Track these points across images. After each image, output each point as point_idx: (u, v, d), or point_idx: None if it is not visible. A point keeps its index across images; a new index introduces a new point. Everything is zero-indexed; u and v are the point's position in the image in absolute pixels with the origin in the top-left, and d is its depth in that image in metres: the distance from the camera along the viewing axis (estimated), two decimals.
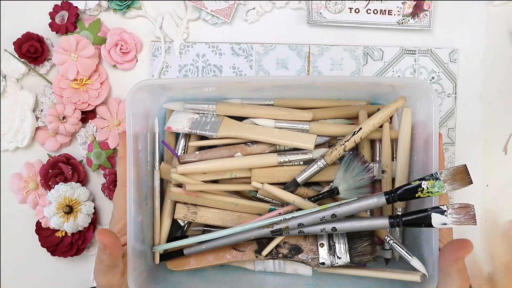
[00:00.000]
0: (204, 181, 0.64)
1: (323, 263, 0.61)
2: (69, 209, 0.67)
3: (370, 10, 0.69)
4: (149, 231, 0.63)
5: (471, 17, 0.70)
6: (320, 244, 0.62)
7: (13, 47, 0.69)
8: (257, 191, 0.64)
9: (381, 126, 0.63)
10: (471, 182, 0.54)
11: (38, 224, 0.70)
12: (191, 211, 0.64)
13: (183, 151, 0.66)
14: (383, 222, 0.56)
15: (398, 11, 0.69)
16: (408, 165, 0.62)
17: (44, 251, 0.69)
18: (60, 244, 0.69)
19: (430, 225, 0.54)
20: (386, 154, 0.64)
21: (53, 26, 0.69)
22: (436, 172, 0.54)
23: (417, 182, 0.54)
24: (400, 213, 0.58)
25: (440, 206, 0.53)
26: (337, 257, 0.61)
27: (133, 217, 0.57)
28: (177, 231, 0.66)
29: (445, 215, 0.53)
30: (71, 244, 0.69)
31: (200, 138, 0.66)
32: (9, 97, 0.70)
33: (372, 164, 0.64)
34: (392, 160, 0.64)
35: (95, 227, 0.70)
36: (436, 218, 0.53)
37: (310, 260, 0.62)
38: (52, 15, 0.69)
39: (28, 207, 0.71)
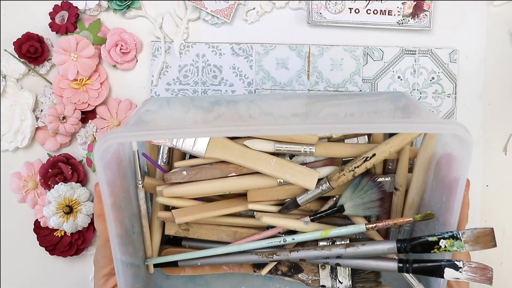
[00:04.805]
0: (194, 199, 0.60)
1: (323, 286, 0.59)
2: (69, 209, 0.67)
3: (370, 10, 0.69)
4: (140, 246, 0.60)
5: (471, 17, 0.70)
6: (321, 266, 0.59)
7: (13, 47, 0.69)
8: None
9: None
10: (495, 246, 0.50)
11: (37, 223, 0.70)
12: (183, 228, 0.61)
13: (165, 161, 0.62)
14: (392, 265, 0.54)
15: (398, 12, 0.69)
16: (423, 188, 0.58)
17: (43, 250, 0.70)
18: (59, 244, 0.69)
19: (441, 277, 0.51)
20: (402, 174, 0.59)
21: (53, 26, 0.69)
22: (458, 232, 0.50)
23: (435, 239, 0.50)
24: (410, 259, 0.54)
25: (456, 262, 0.50)
26: (339, 281, 0.59)
27: (121, 264, 0.51)
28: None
29: (460, 271, 0.50)
30: (71, 244, 0.69)
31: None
32: (9, 97, 0.70)
33: (384, 179, 0.60)
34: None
35: (94, 227, 0.70)
36: (449, 272, 0.50)
37: (310, 281, 0.60)
38: (52, 15, 0.69)
39: (27, 206, 0.71)
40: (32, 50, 0.68)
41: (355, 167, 0.56)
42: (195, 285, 0.64)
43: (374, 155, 0.56)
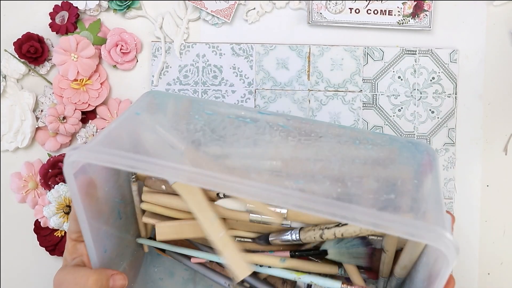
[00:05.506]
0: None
1: None
2: (69, 210, 0.67)
3: (370, 10, 0.69)
4: (131, 225, 0.60)
5: (471, 17, 0.70)
6: None
7: (13, 47, 0.69)
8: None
9: None
10: None
11: (37, 223, 0.70)
12: None
13: None
14: None
15: (399, 12, 0.69)
16: (417, 256, 0.52)
17: (43, 250, 0.70)
18: (59, 244, 0.69)
19: None
20: (389, 242, 0.54)
21: (53, 26, 0.69)
22: None
23: None
24: None
25: None
26: None
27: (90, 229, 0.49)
28: None
29: None
30: None
31: None
32: (9, 97, 0.70)
33: (375, 238, 0.54)
34: None
35: None
36: None
37: None
38: (52, 15, 0.69)
39: (27, 206, 0.71)
40: (32, 50, 0.68)
41: (325, 228, 0.52)
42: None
43: (346, 224, 0.50)
